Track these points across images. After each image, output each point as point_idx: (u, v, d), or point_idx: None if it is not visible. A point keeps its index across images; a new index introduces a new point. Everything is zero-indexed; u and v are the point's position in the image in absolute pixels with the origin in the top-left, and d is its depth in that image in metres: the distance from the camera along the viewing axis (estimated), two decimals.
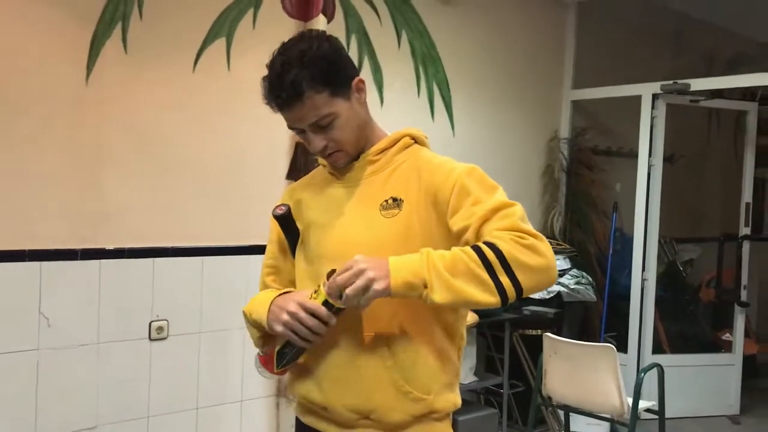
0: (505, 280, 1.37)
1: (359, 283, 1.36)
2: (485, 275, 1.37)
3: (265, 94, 1.59)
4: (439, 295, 1.37)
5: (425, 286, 1.38)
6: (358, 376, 1.52)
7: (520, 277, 1.38)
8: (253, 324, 1.65)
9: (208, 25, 3.31)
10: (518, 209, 1.48)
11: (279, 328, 1.51)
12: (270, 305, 1.56)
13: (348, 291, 1.37)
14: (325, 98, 1.52)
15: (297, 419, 1.72)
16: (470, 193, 1.50)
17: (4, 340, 2.81)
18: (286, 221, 1.66)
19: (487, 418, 4.01)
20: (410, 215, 1.53)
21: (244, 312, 1.68)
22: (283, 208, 1.65)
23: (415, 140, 1.67)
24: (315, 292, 1.48)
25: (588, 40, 5.15)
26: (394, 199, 1.56)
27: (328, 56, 1.53)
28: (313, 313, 1.45)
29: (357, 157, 1.63)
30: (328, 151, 1.58)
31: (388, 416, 1.52)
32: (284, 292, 1.61)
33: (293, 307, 1.47)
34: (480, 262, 1.37)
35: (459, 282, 1.37)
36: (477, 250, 1.39)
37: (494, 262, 1.37)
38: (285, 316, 1.48)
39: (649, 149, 4.76)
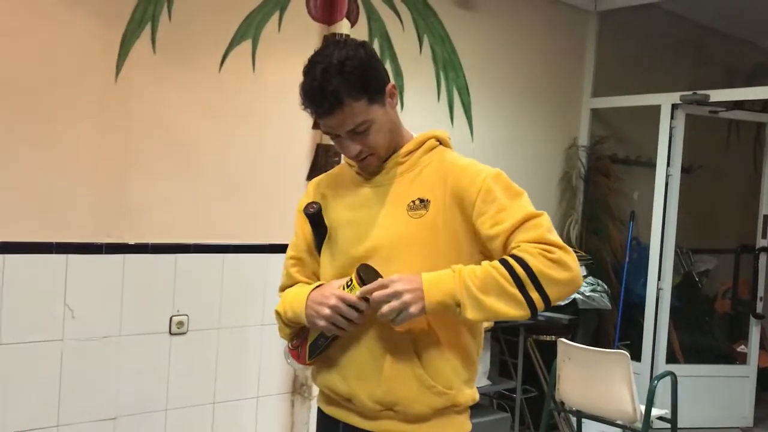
0: (534, 295, 1.45)
1: (395, 305, 1.45)
2: (516, 291, 1.44)
3: (305, 102, 1.60)
4: (471, 313, 1.45)
5: (458, 305, 1.46)
6: (384, 369, 1.57)
7: (549, 290, 1.45)
8: (287, 323, 1.70)
9: (234, 27, 3.38)
10: (545, 219, 1.53)
11: (321, 322, 1.56)
12: (306, 302, 1.62)
13: (384, 309, 1.46)
14: (363, 106, 1.56)
15: (319, 410, 1.78)
16: (496, 198, 1.55)
17: (30, 329, 2.88)
18: (316, 219, 1.70)
19: (499, 422, 4.04)
20: (436, 216, 1.59)
21: (277, 312, 1.73)
22: (315, 206, 1.70)
23: (440, 142, 1.71)
24: (348, 285, 1.54)
25: (608, 48, 5.17)
26: (421, 200, 1.61)
27: (365, 64, 1.58)
28: (353, 306, 1.52)
29: (385, 159, 1.67)
30: (362, 155, 1.62)
31: (411, 408, 1.57)
32: (316, 286, 1.66)
33: (334, 301, 1.53)
34: (510, 279, 1.44)
35: (491, 299, 1.45)
36: (506, 265, 1.46)
37: (524, 278, 1.44)
38: (326, 311, 1.54)
39: (667, 159, 4.77)
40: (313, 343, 1.65)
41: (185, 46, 3.24)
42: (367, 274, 1.52)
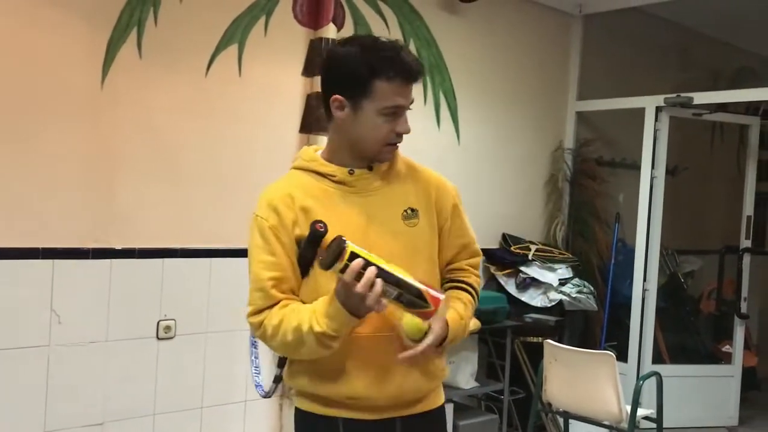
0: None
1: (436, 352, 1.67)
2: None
3: (406, 59, 1.63)
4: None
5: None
6: (395, 371, 1.65)
7: None
8: (336, 336, 1.56)
9: (221, 31, 3.38)
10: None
11: (371, 302, 1.48)
12: (335, 314, 1.53)
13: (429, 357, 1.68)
14: None
15: (307, 413, 1.74)
16: (461, 215, 1.85)
17: (16, 335, 2.88)
18: (319, 238, 1.55)
19: (487, 424, 4.06)
20: (425, 224, 1.73)
21: (324, 333, 1.55)
22: (322, 225, 1.55)
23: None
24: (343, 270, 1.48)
25: (593, 52, 5.21)
26: (412, 209, 1.71)
27: None
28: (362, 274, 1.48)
29: (369, 168, 1.70)
30: (400, 140, 1.71)
31: (415, 395, 1.72)
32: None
33: (378, 288, 1.48)
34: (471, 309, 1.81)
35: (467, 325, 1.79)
36: (472, 297, 1.82)
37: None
38: (362, 293, 1.47)
39: (651, 161, 4.81)
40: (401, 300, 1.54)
41: (172, 51, 3.24)
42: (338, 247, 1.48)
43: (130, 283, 3.17)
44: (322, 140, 3.63)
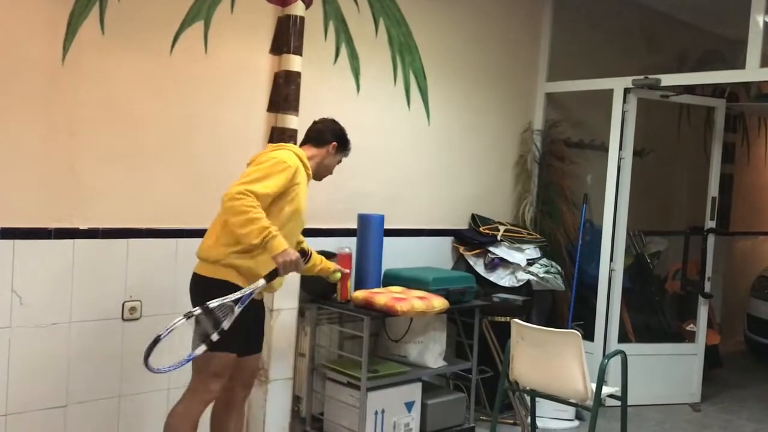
0: None
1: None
2: None
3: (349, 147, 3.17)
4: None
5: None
6: None
7: None
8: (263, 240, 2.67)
9: (186, 8, 3.32)
10: None
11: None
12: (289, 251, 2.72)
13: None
14: None
15: (236, 285, 2.74)
16: None
17: None
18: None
19: (455, 402, 4.10)
20: None
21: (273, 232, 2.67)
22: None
23: None
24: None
25: (563, 34, 5.22)
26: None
27: None
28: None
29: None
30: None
31: None
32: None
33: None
34: None
35: None
36: None
37: None
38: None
39: (619, 143, 4.85)
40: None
41: (135, 27, 3.18)
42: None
43: (94, 263, 3.13)
44: (290, 120, 3.61)
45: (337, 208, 4.01)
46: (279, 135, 3.59)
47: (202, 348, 2.60)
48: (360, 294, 3.71)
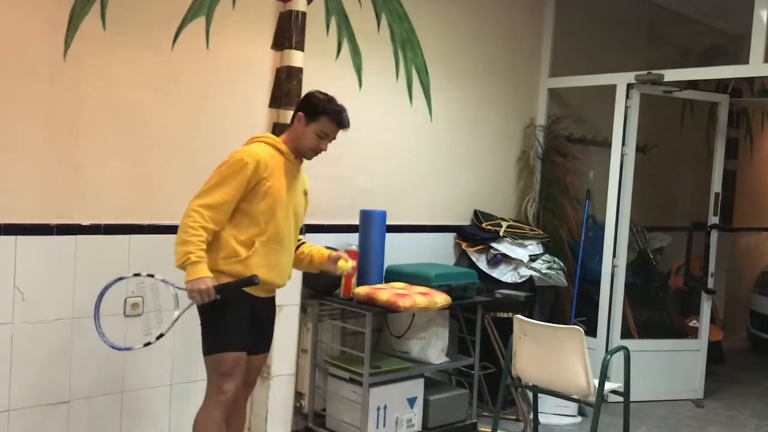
0: None
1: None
2: None
3: (340, 110, 2.85)
4: None
5: None
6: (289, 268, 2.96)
7: None
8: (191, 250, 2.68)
9: (187, 3, 3.32)
10: None
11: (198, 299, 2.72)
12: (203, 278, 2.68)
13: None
14: None
15: (228, 285, 2.71)
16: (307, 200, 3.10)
17: None
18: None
19: (457, 398, 4.09)
20: (305, 202, 3.01)
21: (201, 240, 2.67)
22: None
23: None
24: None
25: (566, 29, 5.21)
26: (306, 191, 3.01)
27: None
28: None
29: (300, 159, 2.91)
30: (321, 152, 2.91)
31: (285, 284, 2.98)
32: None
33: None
34: None
35: None
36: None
37: None
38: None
39: (622, 138, 4.84)
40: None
41: (137, 23, 3.17)
42: None
43: (97, 259, 3.13)
44: (291, 115, 3.60)
45: (339, 204, 4.01)
46: (281, 131, 3.57)
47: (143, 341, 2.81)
48: (362, 290, 3.71)
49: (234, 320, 2.74)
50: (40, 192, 2.97)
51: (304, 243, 3.10)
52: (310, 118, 2.81)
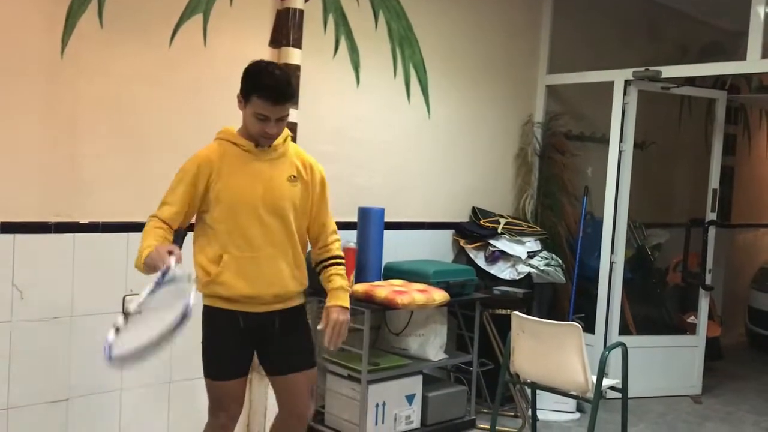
0: None
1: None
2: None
3: (270, 83, 2.37)
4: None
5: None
6: (281, 277, 2.55)
7: None
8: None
9: (185, 0, 3.31)
10: None
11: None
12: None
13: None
14: (290, 107, 2.45)
15: (215, 309, 2.53)
16: (326, 197, 2.69)
17: None
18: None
19: (456, 395, 4.10)
20: (301, 188, 2.58)
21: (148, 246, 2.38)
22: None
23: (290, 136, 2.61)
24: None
25: (563, 25, 5.21)
26: (294, 176, 2.56)
27: (297, 81, 2.70)
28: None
29: (269, 146, 2.51)
30: (275, 136, 2.47)
31: (290, 294, 2.62)
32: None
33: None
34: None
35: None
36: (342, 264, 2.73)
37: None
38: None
39: (620, 135, 4.84)
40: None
41: (134, 20, 3.17)
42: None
43: (95, 257, 3.13)
44: (290, 113, 3.60)
45: (337, 202, 4.00)
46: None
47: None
48: (360, 287, 3.71)
49: (215, 349, 2.58)
50: (38, 190, 2.97)
51: (335, 263, 2.70)
52: (246, 100, 2.42)
